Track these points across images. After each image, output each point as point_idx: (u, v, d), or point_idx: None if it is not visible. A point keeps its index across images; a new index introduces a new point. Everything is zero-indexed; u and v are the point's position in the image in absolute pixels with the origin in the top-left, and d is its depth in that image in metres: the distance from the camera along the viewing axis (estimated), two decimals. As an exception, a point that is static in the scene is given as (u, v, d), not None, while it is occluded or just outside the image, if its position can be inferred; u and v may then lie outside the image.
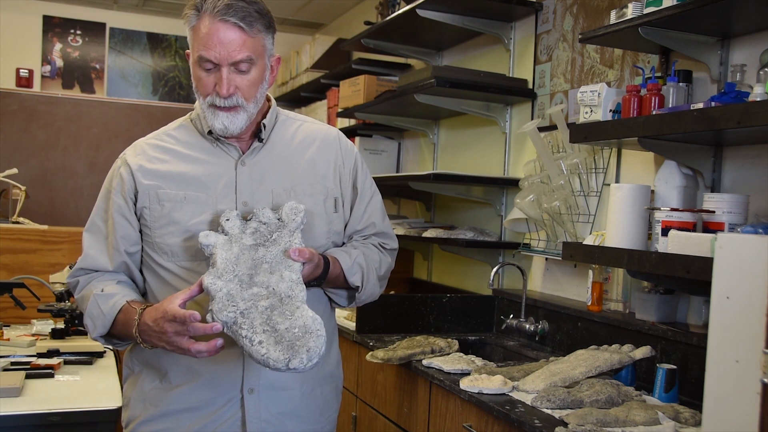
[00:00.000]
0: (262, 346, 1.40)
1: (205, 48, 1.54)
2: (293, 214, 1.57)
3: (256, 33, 1.57)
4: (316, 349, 1.41)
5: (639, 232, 2.03)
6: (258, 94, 1.62)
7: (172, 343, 1.46)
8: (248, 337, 1.41)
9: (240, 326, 1.43)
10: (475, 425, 2.00)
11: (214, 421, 1.61)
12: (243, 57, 1.55)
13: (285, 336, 1.41)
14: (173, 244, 1.62)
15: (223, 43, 1.54)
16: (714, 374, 1.39)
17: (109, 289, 1.61)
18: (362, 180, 1.80)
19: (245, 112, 1.61)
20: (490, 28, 3.20)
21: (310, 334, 1.42)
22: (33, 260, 3.39)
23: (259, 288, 1.48)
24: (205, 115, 1.62)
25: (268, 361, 1.40)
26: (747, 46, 2.06)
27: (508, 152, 3.20)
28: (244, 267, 1.50)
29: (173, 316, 1.43)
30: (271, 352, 1.40)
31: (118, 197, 1.66)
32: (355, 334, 2.80)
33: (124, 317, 1.57)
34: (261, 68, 1.61)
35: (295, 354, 1.39)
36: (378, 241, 1.81)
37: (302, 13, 5.49)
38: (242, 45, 1.55)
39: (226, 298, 1.45)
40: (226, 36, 1.53)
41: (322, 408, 1.74)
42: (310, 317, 1.44)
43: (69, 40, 5.65)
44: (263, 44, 1.61)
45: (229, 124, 1.60)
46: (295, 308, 1.46)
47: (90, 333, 1.63)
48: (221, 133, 1.63)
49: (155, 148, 1.69)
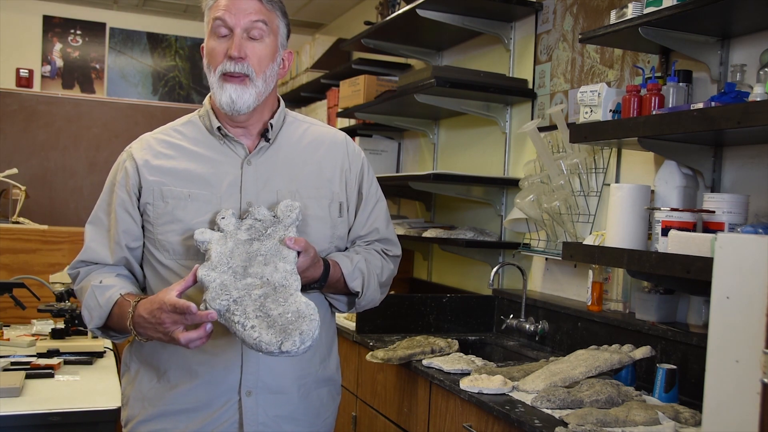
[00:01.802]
0: (255, 330, 1.40)
1: (222, 10, 1.60)
2: (288, 211, 1.58)
3: (271, 8, 1.65)
4: (309, 332, 1.40)
5: (639, 232, 2.03)
6: (267, 72, 1.64)
7: (168, 333, 1.45)
8: (241, 322, 1.41)
9: (233, 313, 1.42)
10: (475, 425, 2.00)
11: (211, 422, 1.61)
12: (258, 19, 1.61)
13: (278, 321, 1.41)
14: (175, 241, 1.62)
15: (240, 8, 1.60)
16: (714, 374, 1.39)
17: (107, 281, 1.61)
18: (368, 185, 1.80)
19: (254, 86, 1.61)
20: (490, 28, 3.20)
21: (303, 318, 1.42)
22: (33, 260, 3.39)
23: (253, 278, 1.48)
24: (214, 91, 1.63)
25: (260, 345, 1.39)
26: (747, 46, 2.06)
27: (508, 152, 3.20)
28: (238, 260, 1.51)
29: (173, 306, 1.42)
30: (264, 336, 1.39)
31: (122, 191, 1.66)
32: (355, 334, 2.80)
33: (119, 310, 1.57)
34: (273, 45, 1.65)
35: (288, 337, 1.39)
36: (381, 247, 1.81)
37: (302, 13, 5.49)
38: (258, 11, 1.62)
39: (220, 288, 1.45)
40: (243, 2, 1.61)
41: (318, 411, 1.74)
42: (303, 302, 1.44)
43: (69, 40, 5.65)
44: (277, 24, 1.66)
45: (237, 97, 1.60)
46: (289, 295, 1.46)
47: (87, 324, 1.64)
48: (227, 109, 1.62)
49: (162, 143, 1.69)
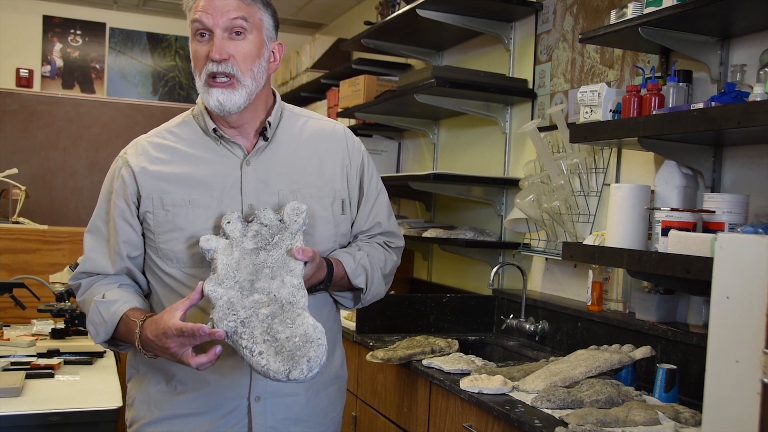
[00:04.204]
0: (262, 357, 1.39)
1: (200, 12, 1.54)
2: (295, 215, 1.55)
3: (251, 2, 1.57)
4: (317, 359, 1.40)
5: (639, 232, 2.03)
6: (255, 70, 1.57)
7: (176, 356, 1.44)
8: (248, 347, 1.40)
9: (240, 336, 1.41)
10: (475, 425, 2.00)
11: (219, 426, 1.60)
12: (236, 16, 1.54)
13: (285, 345, 1.40)
14: (178, 250, 1.58)
15: (217, 7, 1.53)
16: (714, 374, 1.39)
17: (110, 295, 1.58)
18: (368, 179, 1.77)
19: (242, 87, 1.56)
20: (490, 28, 3.20)
21: (310, 344, 1.41)
22: (33, 260, 3.39)
23: (260, 294, 1.46)
24: (202, 95, 1.58)
25: (268, 372, 1.39)
26: (747, 46, 2.06)
27: (508, 152, 3.20)
28: (245, 272, 1.49)
29: (179, 331, 1.40)
30: (271, 363, 1.39)
31: (120, 201, 1.61)
32: (355, 334, 2.80)
33: (126, 328, 1.54)
34: (258, 41, 1.58)
35: (296, 365, 1.38)
36: (383, 239, 1.79)
37: (302, 13, 5.49)
38: (236, 8, 1.54)
39: (227, 306, 1.43)
40: (221, 1, 1.54)
41: (326, 410, 1.73)
42: (311, 325, 1.43)
43: (69, 40, 5.65)
44: (260, 17, 1.59)
45: (225, 100, 1.55)
46: (296, 316, 1.44)
47: (93, 339, 1.61)
48: (217, 111, 1.57)
49: (157, 147, 1.64)
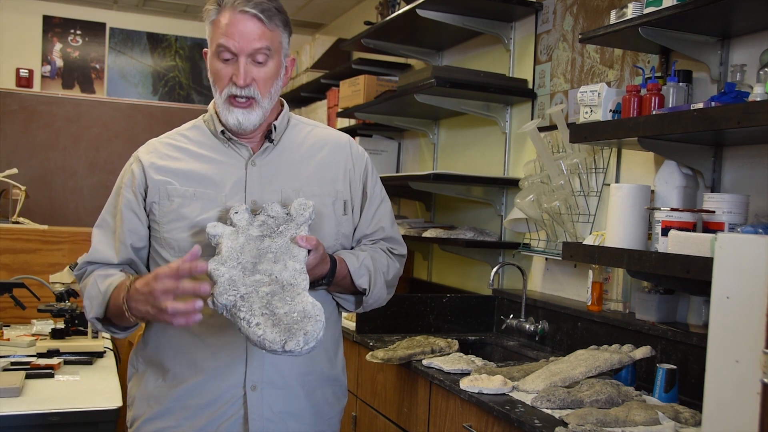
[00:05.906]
0: (259, 327, 1.40)
1: (225, 37, 1.59)
2: (302, 209, 1.58)
3: (274, 27, 1.62)
4: (314, 333, 1.40)
5: (639, 232, 2.03)
6: (272, 90, 1.65)
7: (157, 303, 1.43)
8: (246, 318, 1.41)
9: (239, 309, 1.43)
10: (475, 425, 2.00)
11: (217, 418, 1.62)
12: (261, 46, 1.59)
13: (283, 319, 1.42)
14: (181, 239, 1.63)
15: (243, 33, 1.58)
16: (714, 374, 1.39)
17: (110, 272, 1.64)
18: (372, 185, 1.81)
19: (260, 107, 1.64)
20: (490, 28, 3.20)
21: (308, 318, 1.42)
22: (33, 260, 3.39)
23: (261, 275, 1.48)
24: (220, 110, 1.65)
25: (264, 342, 1.39)
26: (747, 46, 2.06)
27: (508, 152, 3.20)
28: (248, 256, 1.51)
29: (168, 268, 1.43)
30: (268, 334, 1.39)
31: (128, 192, 1.68)
32: (355, 334, 2.80)
33: (117, 291, 1.57)
34: (277, 64, 1.65)
35: (292, 336, 1.39)
36: (386, 245, 1.81)
37: (302, 13, 5.49)
38: (261, 36, 1.59)
39: (228, 283, 1.45)
40: (246, 27, 1.58)
41: (322, 410, 1.74)
42: (310, 303, 1.45)
43: (69, 40, 5.65)
44: (280, 41, 1.65)
45: (244, 119, 1.63)
46: (296, 294, 1.46)
47: (87, 313, 1.65)
48: (235, 129, 1.65)
49: (168, 146, 1.72)
